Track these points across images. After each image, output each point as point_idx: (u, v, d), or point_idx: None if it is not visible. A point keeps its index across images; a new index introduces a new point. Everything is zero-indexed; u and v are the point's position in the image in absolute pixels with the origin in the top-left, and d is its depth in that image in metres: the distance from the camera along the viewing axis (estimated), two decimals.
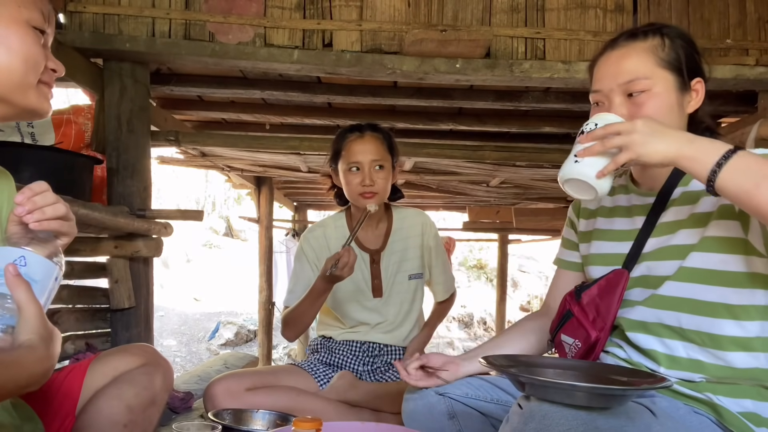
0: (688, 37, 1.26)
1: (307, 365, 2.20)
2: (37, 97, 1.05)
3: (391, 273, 2.19)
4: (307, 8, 2.38)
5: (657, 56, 1.21)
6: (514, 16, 2.40)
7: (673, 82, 1.21)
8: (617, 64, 1.23)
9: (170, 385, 1.42)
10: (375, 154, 2.05)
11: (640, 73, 1.20)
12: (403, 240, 2.21)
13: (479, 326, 11.83)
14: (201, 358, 8.70)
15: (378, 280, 2.18)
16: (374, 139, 2.09)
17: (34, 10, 1.04)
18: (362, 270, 2.17)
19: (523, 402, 1.03)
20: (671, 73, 1.21)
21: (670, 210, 1.22)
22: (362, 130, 2.11)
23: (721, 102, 2.80)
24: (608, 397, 0.97)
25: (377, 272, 2.18)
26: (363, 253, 2.18)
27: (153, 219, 2.38)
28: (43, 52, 1.05)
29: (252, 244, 13.28)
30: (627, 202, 1.32)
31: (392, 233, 2.20)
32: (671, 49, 1.22)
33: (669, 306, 1.19)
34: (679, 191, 1.22)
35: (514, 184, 4.78)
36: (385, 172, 2.07)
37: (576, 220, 1.46)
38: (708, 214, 1.16)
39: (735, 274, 1.13)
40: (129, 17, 2.32)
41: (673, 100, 1.21)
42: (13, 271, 0.88)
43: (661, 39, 1.23)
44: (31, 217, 0.95)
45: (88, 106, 2.47)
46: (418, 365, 1.41)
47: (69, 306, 2.23)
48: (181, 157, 4.06)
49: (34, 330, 0.87)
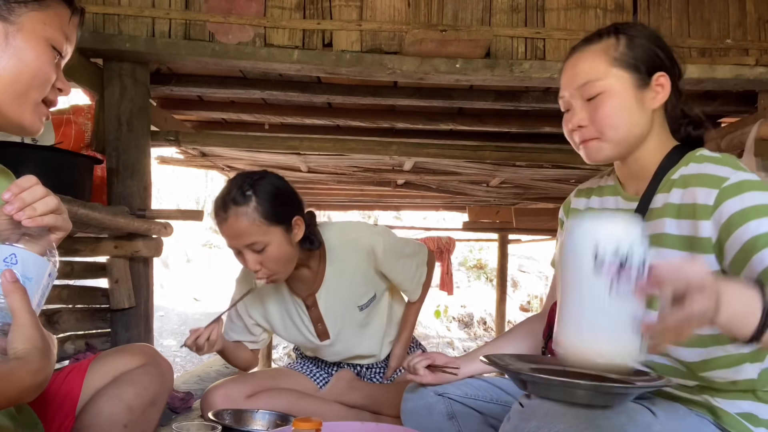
0: (652, 33, 1.24)
1: (304, 368, 2.20)
2: (32, 115, 1.04)
3: (335, 313, 1.97)
4: (307, 8, 2.38)
5: (610, 56, 1.19)
6: (514, 16, 2.40)
7: (629, 80, 1.19)
8: (573, 69, 1.23)
9: (170, 385, 1.42)
10: (246, 237, 1.69)
11: (592, 75, 1.19)
12: (342, 276, 1.95)
13: (479, 326, 11.82)
14: (201, 358, 8.70)
15: (321, 324, 1.98)
16: (239, 217, 1.68)
17: (58, 31, 1.04)
18: (301, 317, 2.00)
19: (524, 400, 1.03)
20: (626, 71, 1.19)
21: (648, 222, 1.19)
22: (225, 207, 1.70)
23: (721, 102, 2.79)
24: (610, 396, 0.97)
25: (317, 316, 1.98)
26: (296, 299, 1.98)
27: (153, 219, 2.38)
28: (55, 72, 1.05)
29: None
30: (614, 205, 1.30)
31: (327, 274, 1.94)
32: (626, 47, 1.20)
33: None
34: (660, 200, 1.18)
35: (514, 184, 4.78)
36: (270, 248, 1.71)
37: (566, 220, 1.43)
38: (680, 240, 1.13)
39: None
40: (129, 17, 2.32)
41: (630, 98, 1.18)
42: (9, 278, 0.84)
43: (616, 38, 1.21)
44: (22, 214, 0.91)
45: (88, 106, 2.47)
46: (426, 364, 1.42)
47: (69, 306, 2.23)
48: (181, 157, 4.06)
49: (29, 338, 0.84)
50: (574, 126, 1.23)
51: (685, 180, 1.14)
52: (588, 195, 1.37)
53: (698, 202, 1.10)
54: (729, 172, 1.09)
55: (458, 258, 13.04)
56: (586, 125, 1.21)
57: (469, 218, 6.38)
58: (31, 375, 0.82)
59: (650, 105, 1.20)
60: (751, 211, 1.03)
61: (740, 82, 2.38)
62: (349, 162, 4.07)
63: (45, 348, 0.85)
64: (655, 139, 1.22)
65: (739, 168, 1.10)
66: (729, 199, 1.06)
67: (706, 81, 2.37)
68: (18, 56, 1.00)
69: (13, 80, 1.00)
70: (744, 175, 1.08)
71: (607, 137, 1.20)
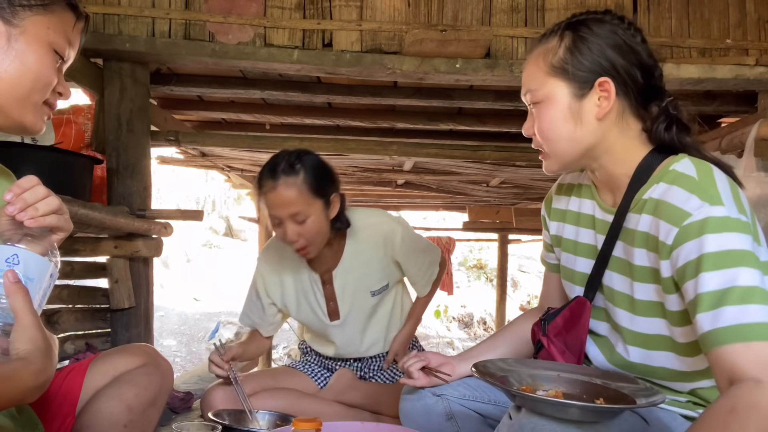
0: (612, 30, 1.10)
1: (305, 367, 2.20)
2: (34, 116, 1.05)
3: (348, 293, 2.03)
4: (307, 8, 2.38)
5: (548, 62, 1.11)
6: (514, 16, 2.40)
7: (564, 90, 1.10)
8: (523, 73, 1.18)
9: (170, 385, 1.42)
10: (292, 206, 1.78)
11: (530, 84, 1.14)
12: (359, 257, 2.02)
13: (479, 326, 11.82)
14: (201, 358, 8.69)
15: (333, 303, 2.04)
16: (289, 187, 1.78)
17: (61, 36, 1.04)
18: (315, 293, 2.05)
19: (513, 413, 1.02)
20: (561, 80, 1.10)
21: (620, 243, 1.14)
22: (275, 176, 1.79)
23: (721, 102, 2.80)
24: (600, 413, 0.97)
25: (331, 294, 2.04)
26: (313, 274, 2.04)
27: (153, 219, 2.38)
28: (56, 76, 1.05)
29: (252, 244, 13.29)
30: (592, 212, 1.23)
31: (345, 253, 2.02)
32: (567, 51, 1.10)
33: (632, 369, 1.15)
34: (633, 221, 1.10)
35: (514, 184, 4.78)
36: (311, 220, 1.80)
37: (548, 219, 1.36)
38: (649, 272, 1.08)
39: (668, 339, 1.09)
40: (129, 17, 2.32)
41: (564, 110, 1.10)
42: (12, 278, 0.85)
43: (560, 39, 1.12)
44: (24, 214, 0.91)
45: (88, 106, 2.47)
46: (420, 366, 1.40)
47: (69, 306, 2.23)
48: (181, 157, 4.06)
49: (31, 339, 0.83)
50: (525, 133, 1.20)
51: (653, 205, 1.06)
52: (568, 193, 1.31)
53: (660, 237, 1.02)
54: (696, 205, 0.97)
55: (458, 258, 13.04)
56: (533, 134, 1.17)
57: (469, 218, 6.38)
58: (33, 376, 0.82)
59: (593, 114, 1.10)
60: (706, 261, 0.94)
61: (740, 82, 2.39)
62: (349, 162, 4.07)
63: (47, 348, 0.85)
64: (620, 146, 1.12)
65: (711, 197, 0.98)
66: (687, 242, 0.97)
67: (706, 81, 2.37)
68: (20, 59, 1.00)
69: (15, 83, 1.00)
70: (710, 210, 0.96)
71: (548, 149, 1.15)
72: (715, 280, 0.92)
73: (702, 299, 0.93)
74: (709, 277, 0.93)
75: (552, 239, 1.35)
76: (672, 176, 1.05)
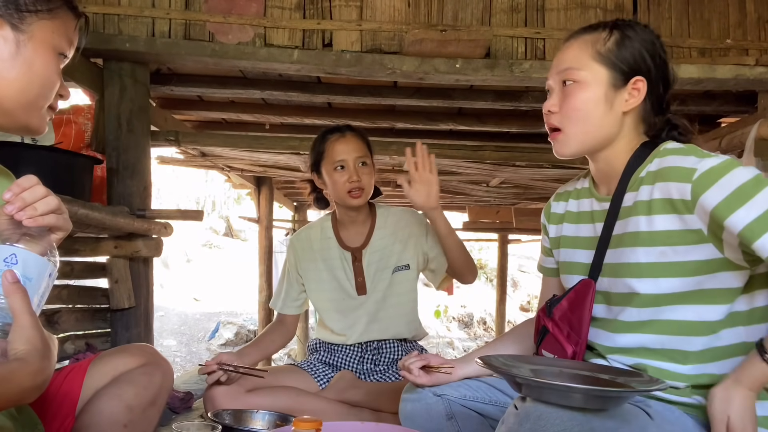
0: (649, 38, 1.22)
1: (307, 365, 2.20)
2: (39, 118, 1.06)
3: (373, 270, 2.18)
4: (307, 8, 2.38)
5: (594, 49, 1.20)
6: (514, 16, 2.40)
7: (605, 77, 1.19)
8: (562, 54, 1.25)
9: (170, 385, 1.42)
10: (358, 151, 2.08)
11: (573, 63, 1.21)
12: (387, 237, 2.19)
13: (479, 326, 11.83)
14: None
15: (361, 278, 2.18)
16: (355, 137, 2.12)
17: (64, 39, 1.05)
18: (345, 269, 2.18)
19: (519, 403, 1.03)
20: (605, 67, 1.19)
21: (620, 222, 1.20)
22: (342, 131, 2.14)
23: (721, 102, 2.80)
24: (604, 399, 0.97)
25: (360, 270, 2.17)
26: (344, 252, 2.18)
27: (153, 219, 2.38)
28: (59, 79, 1.06)
29: (252, 244, 13.28)
30: (590, 207, 1.30)
31: (375, 231, 2.19)
32: (614, 44, 1.19)
33: (633, 329, 1.17)
34: (630, 198, 1.18)
35: (514, 184, 4.78)
36: (369, 168, 2.10)
37: (547, 225, 1.43)
38: (654, 236, 1.13)
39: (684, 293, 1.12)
40: (129, 17, 2.32)
41: (600, 94, 1.19)
42: (10, 278, 0.84)
43: (609, 33, 1.21)
44: (23, 214, 0.91)
45: (88, 106, 2.47)
46: (421, 365, 1.42)
47: (69, 306, 2.23)
48: (181, 157, 4.06)
49: (29, 339, 0.83)
50: (545, 109, 1.26)
51: (652, 176, 1.14)
52: (566, 198, 1.38)
53: (674, 197, 1.09)
54: (694, 161, 1.07)
55: None
56: (556, 111, 1.24)
57: (469, 218, 6.38)
58: (31, 376, 0.82)
59: (621, 107, 1.20)
60: (733, 200, 1.01)
61: (740, 82, 2.39)
62: None
63: (45, 349, 0.85)
64: (626, 142, 1.22)
65: (703, 155, 1.08)
66: (705, 191, 1.04)
67: (706, 81, 2.37)
68: (28, 65, 1.01)
69: (24, 88, 1.01)
70: (710, 162, 1.06)
71: (570, 129, 1.22)
72: (753, 211, 1.00)
73: (751, 230, 1.00)
74: (745, 212, 1.00)
75: (552, 242, 1.40)
76: (663, 152, 1.16)
